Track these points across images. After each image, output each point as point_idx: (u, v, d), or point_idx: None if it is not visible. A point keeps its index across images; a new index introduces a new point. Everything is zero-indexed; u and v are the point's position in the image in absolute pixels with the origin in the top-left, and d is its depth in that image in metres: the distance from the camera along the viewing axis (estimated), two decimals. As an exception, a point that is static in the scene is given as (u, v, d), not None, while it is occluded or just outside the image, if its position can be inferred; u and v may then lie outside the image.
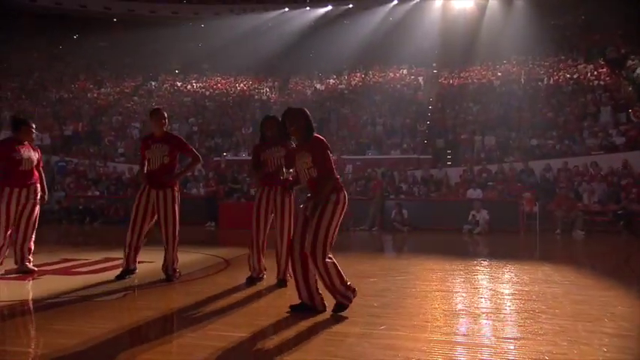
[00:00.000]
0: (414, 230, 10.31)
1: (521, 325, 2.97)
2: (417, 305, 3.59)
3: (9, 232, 4.59)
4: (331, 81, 21.03)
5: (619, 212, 9.81)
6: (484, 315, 3.25)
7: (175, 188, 4.50)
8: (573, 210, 10.11)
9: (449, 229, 10.22)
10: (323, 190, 3.15)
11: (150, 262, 4.95)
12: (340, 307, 3.16)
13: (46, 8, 22.48)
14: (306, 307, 3.19)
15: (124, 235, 4.50)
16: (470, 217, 10.10)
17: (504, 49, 19.18)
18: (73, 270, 4.98)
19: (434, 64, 21.11)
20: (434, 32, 21.02)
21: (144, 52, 22.01)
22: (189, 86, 21.05)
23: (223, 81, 21.67)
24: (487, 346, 2.57)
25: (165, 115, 4.54)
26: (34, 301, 3.71)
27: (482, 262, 5.98)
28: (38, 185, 4.79)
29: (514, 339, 2.71)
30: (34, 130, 4.81)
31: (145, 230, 4.47)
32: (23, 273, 4.63)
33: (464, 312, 3.35)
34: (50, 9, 22.53)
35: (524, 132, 14.54)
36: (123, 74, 21.82)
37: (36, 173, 4.78)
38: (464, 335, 2.80)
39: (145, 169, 4.47)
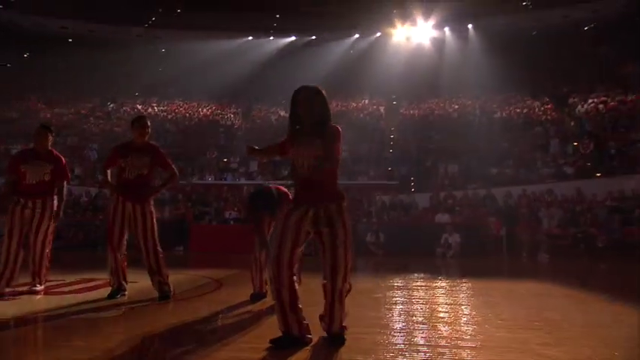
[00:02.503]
0: (387, 254, 10.34)
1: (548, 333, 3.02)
2: (471, 322, 3.56)
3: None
4: (295, 109, 21.23)
5: (579, 235, 10.38)
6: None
7: (152, 203, 4.32)
8: (537, 234, 10.60)
9: (421, 253, 10.34)
10: (334, 188, 2.70)
11: (133, 282, 4.62)
12: (342, 338, 2.66)
13: (-5, 23, 21.28)
14: (292, 340, 2.61)
15: (89, 256, 4.27)
16: (442, 240, 10.32)
17: (460, 84, 20.31)
18: (53, 290, 4.55)
19: (393, 96, 21.92)
20: (393, 65, 21.91)
21: (101, 73, 21.26)
22: (149, 109, 20.48)
23: (186, 105, 21.31)
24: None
25: (149, 124, 4.39)
26: (29, 319, 3.32)
27: (479, 281, 6.05)
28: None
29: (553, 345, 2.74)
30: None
31: (124, 244, 4.24)
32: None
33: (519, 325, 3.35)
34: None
35: (484, 161, 15.25)
36: (79, 95, 20.91)
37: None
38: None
39: (115, 177, 4.28)
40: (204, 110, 21.05)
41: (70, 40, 23.15)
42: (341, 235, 2.61)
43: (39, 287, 4.41)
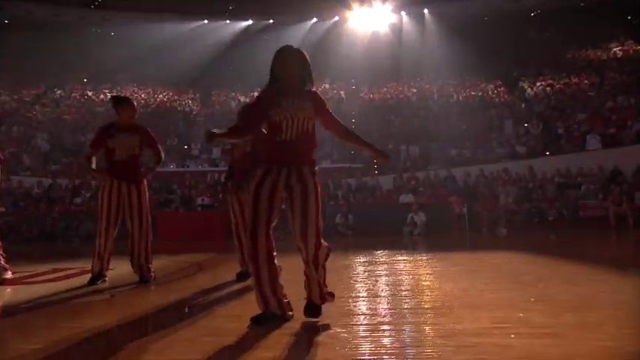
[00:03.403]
0: (356, 234, 10.54)
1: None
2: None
3: None
4: (255, 94, 20.92)
5: (533, 210, 11.03)
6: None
7: (145, 182, 4.23)
8: (495, 210, 11.15)
9: (389, 232, 10.61)
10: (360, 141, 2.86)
11: (110, 269, 4.51)
12: (318, 309, 2.57)
13: None
14: (271, 318, 2.48)
15: (51, 248, 4.13)
16: (409, 219, 10.64)
17: (418, 68, 20.75)
18: (26, 280, 4.35)
19: (353, 80, 22.08)
20: (352, 50, 22.00)
21: (46, 58, 19.96)
22: (101, 96, 19.55)
23: (140, 91, 20.49)
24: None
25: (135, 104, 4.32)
26: (12, 306, 3.18)
27: (450, 254, 6.32)
28: None
29: (535, 302, 2.95)
30: None
31: (116, 231, 4.10)
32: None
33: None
34: None
35: (443, 142, 15.76)
36: (20, 81, 19.57)
37: None
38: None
39: (103, 161, 4.12)
40: (161, 96, 20.35)
41: (7, 21, 21.54)
42: (312, 199, 2.49)
43: (9, 275, 4.20)
